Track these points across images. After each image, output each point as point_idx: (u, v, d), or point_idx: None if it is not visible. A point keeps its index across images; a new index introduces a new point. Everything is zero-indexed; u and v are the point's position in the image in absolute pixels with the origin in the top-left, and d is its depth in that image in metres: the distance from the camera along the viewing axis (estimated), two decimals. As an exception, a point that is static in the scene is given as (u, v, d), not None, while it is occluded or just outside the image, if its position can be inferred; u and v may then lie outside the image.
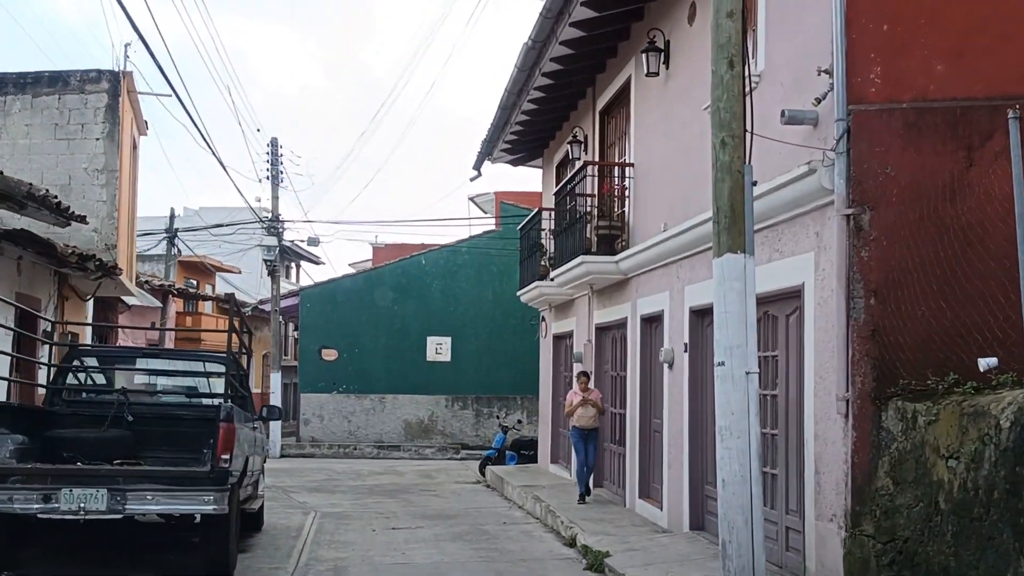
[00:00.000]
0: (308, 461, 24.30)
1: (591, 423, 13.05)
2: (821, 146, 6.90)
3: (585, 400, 12.98)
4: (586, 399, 12.99)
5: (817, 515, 7.08)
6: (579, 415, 13.01)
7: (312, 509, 14.24)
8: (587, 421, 13.02)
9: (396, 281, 27.03)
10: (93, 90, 14.84)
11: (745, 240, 6.21)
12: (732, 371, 6.12)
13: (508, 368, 26.47)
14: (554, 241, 16.38)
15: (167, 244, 30.36)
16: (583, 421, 13.01)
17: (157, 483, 8.02)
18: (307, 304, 27.21)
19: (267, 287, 27.84)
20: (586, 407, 12.98)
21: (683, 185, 10.26)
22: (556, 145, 17.75)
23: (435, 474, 20.49)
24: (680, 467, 10.20)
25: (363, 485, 18.08)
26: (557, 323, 17.48)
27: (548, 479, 16.17)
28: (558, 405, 17.68)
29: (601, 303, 13.94)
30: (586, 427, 13.02)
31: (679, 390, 10.27)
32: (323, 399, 26.92)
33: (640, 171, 12.10)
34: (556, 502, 12.82)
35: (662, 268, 10.98)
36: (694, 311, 9.92)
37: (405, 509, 14.32)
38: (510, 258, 25.89)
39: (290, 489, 17.12)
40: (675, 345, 10.47)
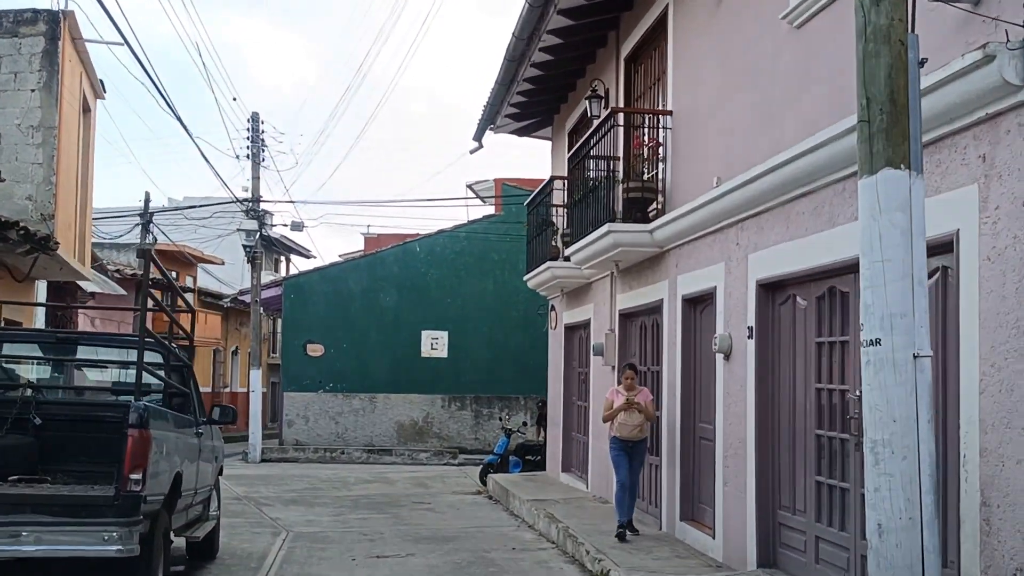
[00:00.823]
0: (291, 466, 22.06)
1: (638, 433, 9.84)
2: (1010, 19, 4.66)
3: (631, 403, 9.77)
4: (631, 401, 9.78)
5: (986, 568, 4.84)
6: (622, 422, 9.81)
7: (284, 528, 12.01)
8: (633, 431, 9.81)
9: (388, 270, 24.79)
10: (28, 33, 12.59)
11: (910, 149, 3.97)
12: (893, 353, 3.88)
13: (511, 365, 24.27)
14: (568, 215, 14.18)
15: (141, 231, 28.03)
16: (628, 431, 9.80)
17: (42, 512, 5.78)
18: (291, 295, 24.94)
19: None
20: (631, 413, 9.77)
21: (747, 124, 8.04)
22: (569, 109, 15.53)
23: (430, 482, 18.25)
24: (742, 485, 7.97)
25: (348, 496, 15.85)
26: (569, 312, 15.26)
27: (561, 491, 13.94)
28: (570, 405, 15.46)
29: (627, 284, 11.71)
30: (631, 438, 9.83)
31: (740, 387, 8.05)
32: (308, 398, 24.68)
33: (681, 120, 9.88)
34: (577, 523, 10.59)
35: (714, 235, 8.76)
36: (764, 285, 7.69)
37: (394, 528, 12.09)
38: (513, 244, 23.74)
39: (263, 501, 14.89)
40: (734, 330, 8.25)
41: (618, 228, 10.11)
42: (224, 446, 10.35)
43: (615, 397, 9.98)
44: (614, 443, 9.96)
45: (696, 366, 9.51)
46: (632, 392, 9.88)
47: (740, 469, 8.02)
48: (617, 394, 9.99)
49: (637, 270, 11.20)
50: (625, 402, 9.80)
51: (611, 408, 9.98)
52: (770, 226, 7.54)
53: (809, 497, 7.07)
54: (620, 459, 9.89)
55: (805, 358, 7.19)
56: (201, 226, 27.80)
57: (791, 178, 6.92)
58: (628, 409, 9.78)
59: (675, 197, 9.90)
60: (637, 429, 9.83)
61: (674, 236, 9.64)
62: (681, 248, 9.68)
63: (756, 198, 7.60)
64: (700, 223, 8.90)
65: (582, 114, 14.49)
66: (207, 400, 35.72)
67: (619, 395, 9.95)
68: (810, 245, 6.81)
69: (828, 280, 6.78)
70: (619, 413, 9.83)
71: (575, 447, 15.12)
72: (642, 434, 9.90)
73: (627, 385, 9.93)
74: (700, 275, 9.12)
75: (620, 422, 9.82)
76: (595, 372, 13.35)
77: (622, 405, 9.82)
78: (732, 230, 8.32)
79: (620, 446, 9.90)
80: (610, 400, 10.05)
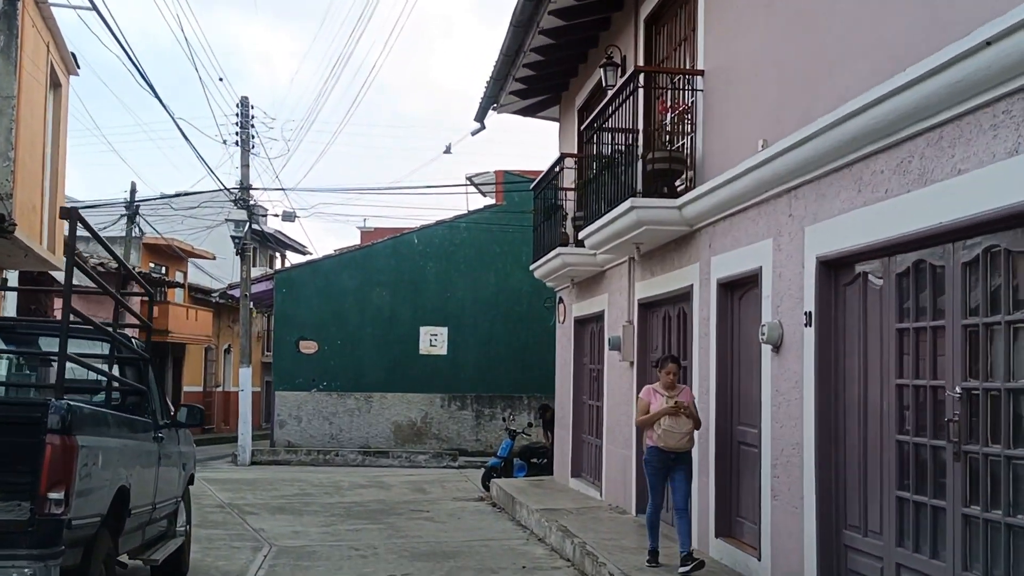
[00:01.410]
0: (282, 469, 20.84)
1: (685, 443, 7.94)
2: None
3: (678, 406, 7.89)
4: (679, 405, 7.90)
5: None
6: (667, 429, 7.84)
7: (267, 541, 10.80)
8: (680, 440, 7.89)
9: (385, 263, 23.56)
10: (-18, -8, 11.36)
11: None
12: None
13: (514, 362, 23.06)
14: (578, 199, 13.00)
15: (127, 223, 26.81)
16: (674, 440, 7.85)
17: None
18: (282, 289, 23.71)
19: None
20: (678, 418, 7.88)
21: (801, 74, 6.84)
22: (579, 84, 14.32)
23: (429, 487, 17.04)
24: (797, 499, 6.76)
25: (340, 503, 14.62)
26: (580, 304, 14.05)
27: (571, 499, 12.73)
28: (581, 405, 14.24)
29: (648, 270, 10.50)
30: (677, 449, 7.91)
31: (794, 383, 6.84)
32: (301, 398, 23.45)
33: (715, 80, 8.67)
34: (594, 538, 9.38)
35: (758, 207, 7.55)
36: (826, 262, 6.47)
37: (389, 542, 10.87)
38: (515, 235, 22.53)
39: (248, 509, 13.67)
40: (785, 317, 7.04)
41: (642, 204, 8.89)
42: (195, 451, 9.10)
43: (653, 398, 8.04)
44: (653, 455, 7.98)
45: (734, 360, 8.30)
46: (673, 391, 8.04)
47: (794, 480, 6.81)
48: (655, 394, 8.06)
49: (661, 253, 9.99)
50: (671, 405, 7.88)
51: (648, 411, 8.03)
52: (834, 191, 6.32)
53: (888, 516, 5.86)
54: (659, 475, 8.01)
55: (881, 348, 5.97)
56: (188, 216, 26.51)
57: (866, 130, 5.70)
58: (674, 414, 7.89)
59: (707, 168, 8.68)
60: (686, 438, 7.93)
61: (707, 211, 8.43)
62: (715, 225, 8.46)
63: (817, 159, 6.39)
64: (741, 194, 7.68)
65: (595, 87, 13.30)
66: (197, 401, 34.55)
67: (657, 395, 8.04)
68: (891, 210, 5.60)
69: (915, 252, 5.57)
70: (662, 417, 7.91)
71: (586, 451, 13.91)
72: (690, 444, 8.02)
73: (668, 382, 8.04)
74: (740, 255, 7.90)
75: (665, 429, 7.85)
76: (610, 369, 12.14)
77: (666, 409, 7.89)
78: (783, 200, 7.10)
79: (661, 459, 7.93)
80: (646, 401, 8.06)
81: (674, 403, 7.88)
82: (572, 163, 13.11)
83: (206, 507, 13.81)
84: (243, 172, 22.74)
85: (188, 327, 32.64)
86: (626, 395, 11.33)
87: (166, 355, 33.19)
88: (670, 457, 7.94)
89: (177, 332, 31.48)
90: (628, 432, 11.16)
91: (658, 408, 7.94)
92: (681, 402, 7.91)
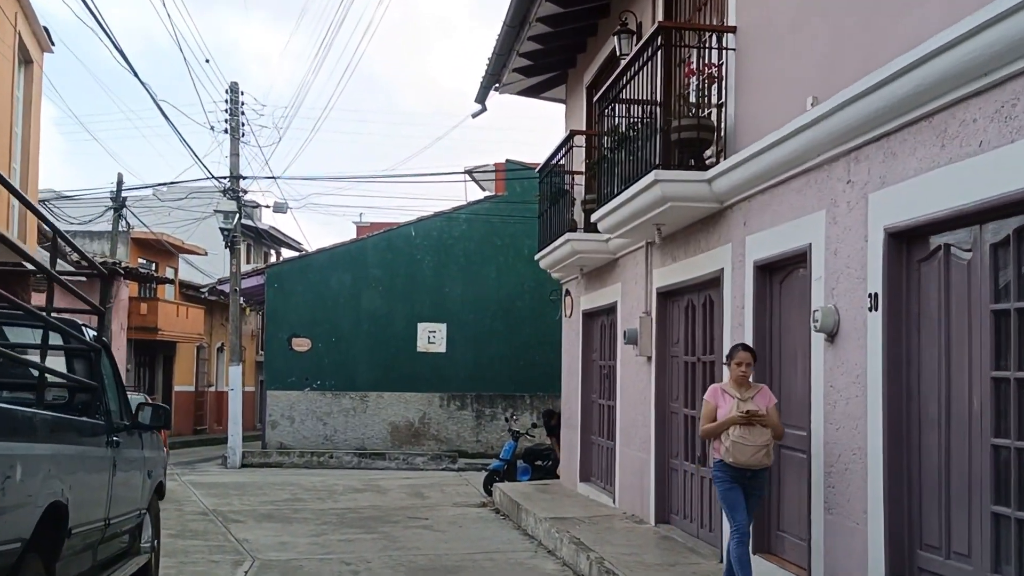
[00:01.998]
0: (273, 472, 19.85)
1: (760, 458, 6.29)
2: None
3: (753, 414, 6.27)
4: (750, 414, 6.27)
5: None
6: (739, 441, 6.25)
7: (250, 554, 9.82)
8: (752, 454, 6.25)
9: (381, 256, 22.57)
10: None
11: None
12: None
13: (516, 360, 22.09)
14: (587, 182, 12.03)
15: (114, 216, 25.79)
16: (749, 454, 6.24)
17: None
18: (274, 284, 22.71)
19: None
20: (750, 427, 6.26)
21: (863, 19, 5.85)
22: (588, 60, 13.34)
23: (427, 492, 16.06)
24: (858, 514, 5.78)
25: (333, 510, 13.63)
26: (589, 295, 13.07)
27: (582, 507, 11.74)
28: (590, 405, 13.26)
29: (669, 255, 9.52)
30: (753, 465, 6.30)
31: (855, 378, 5.86)
32: (293, 397, 22.46)
33: (749, 37, 7.69)
34: (612, 552, 8.39)
35: (807, 175, 6.57)
36: (897, 234, 5.49)
37: (384, 555, 9.89)
38: (517, 227, 21.60)
39: (233, 516, 12.69)
40: (842, 301, 6.05)
41: (667, 177, 7.89)
42: (164, 455, 8.10)
43: (720, 400, 6.48)
44: (724, 472, 6.39)
45: (773, 353, 7.31)
46: (747, 390, 6.46)
47: (854, 491, 5.83)
48: (722, 395, 6.49)
49: (684, 235, 9.01)
50: (744, 412, 6.26)
51: (713, 417, 6.45)
52: (908, 149, 5.34)
53: (980, 536, 4.88)
54: (735, 495, 6.34)
55: (971, 335, 4.99)
56: (176, 208, 25.48)
57: (957, 70, 4.72)
58: (748, 423, 6.28)
59: (740, 136, 7.71)
60: (761, 452, 6.27)
61: (743, 184, 7.44)
62: (752, 200, 7.48)
63: (887, 111, 5.40)
64: (786, 161, 6.70)
65: (605, 61, 12.35)
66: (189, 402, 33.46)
67: (725, 396, 6.46)
68: (986, 166, 4.63)
69: (1018, 217, 4.59)
70: (733, 425, 6.30)
71: (597, 453, 12.92)
72: (768, 459, 6.36)
73: (739, 378, 6.45)
74: (783, 232, 6.92)
75: (737, 441, 6.24)
76: (624, 365, 11.16)
77: (737, 417, 6.27)
78: (839, 164, 6.12)
79: (733, 476, 6.35)
80: (712, 405, 6.50)
81: (745, 412, 6.26)
82: (581, 142, 12.11)
83: (187, 514, 12.85)
84: (233, 161, 21.74)
85: (179, 325, 31.66)
86: (643, 393, 10.36)
87: (156, 354, 32.26)
88: (744, 475, 6.36)
89: (167, 330, 30.51)
90: (646, 434, 10.19)
91: (727, 413, 6.34)
92: (754, 410, 6.28)
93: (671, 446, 9.71)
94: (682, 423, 9.40)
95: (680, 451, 9.46)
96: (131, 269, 26.38)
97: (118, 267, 25.15)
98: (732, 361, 6.54)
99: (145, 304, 29.81)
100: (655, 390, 9.90)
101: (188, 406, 34.78)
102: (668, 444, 9.76)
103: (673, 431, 9.66)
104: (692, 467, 9.09)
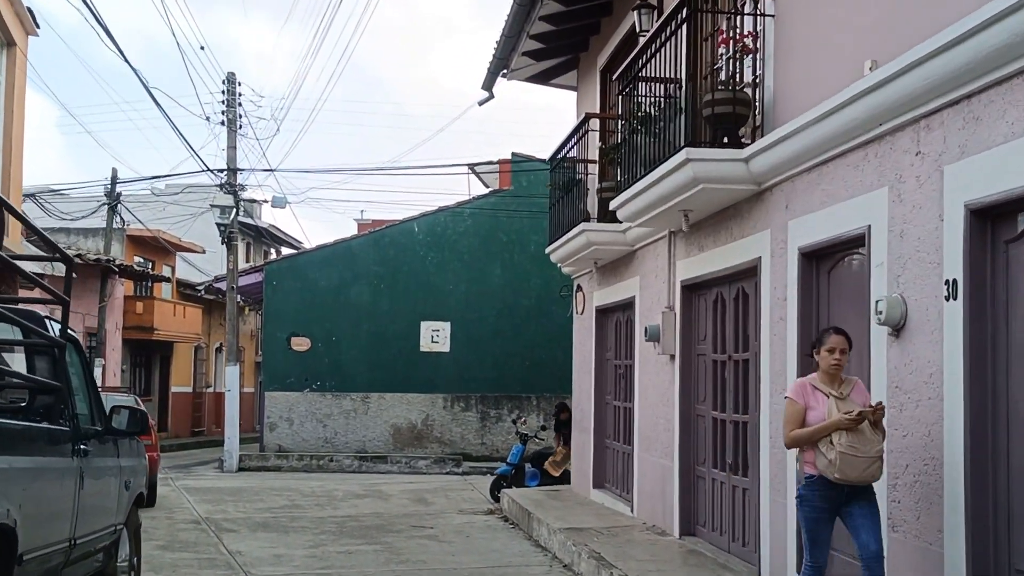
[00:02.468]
0: (271, 476, 19.13)
1: (873, 472, 4.97)
2: None
3: (862, 415, 4.91)
4: (863, 413, 4.92)
5: None
6: (845, 453, 4.89)
7: (242, 568, 9.10)
8: (865, 468, 4.93)
9: (383, 253, 21.84)
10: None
11: None
12: None
13: (522, 360, 21.37)
14: (602, 168, 11.32)
15: (108, 212, 25.06)
16: (855, 468, 4.91)
17: None
18: (272, 282, 22.00)
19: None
20: (860, 433, 4.91)
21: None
22: (601, 42, 12.61)
23: (431, 497, 15.33)
24: (930, 533, 5.05)
25: (332, 518, 12.91)
26: (603, 291, 12.34)
27: (596, 515, 11.01)
28: (604, 407, 12.52)
29: (696, 245, 8.79)
30: (861, 481, 4.99)
31: (927, 378, 5.12)
32: (292, 399, 21.75)
33: (790, 1, 6.96)
34: (637, 569, 7.65)
35: (865, 148, 5.83)
36: (980, 211, 4.75)
37: (386, 569, 9.17)
38: (524, 222, 20.90)
39: (227, 525, 11.96)
40: (911, 290, 5.32)
41: (700, 155, 7.15)
42: (145, 463, 7.37)
43: (812, 399, 5.12)
44: (817, 492, 5.06)
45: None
46: (841, 386, 5.17)
47: (927, 507, 5.09)
48: (813, 392, 5.13)
49: (713, 223, 8.27)
50: (853, 414, 4.88)
51: (803, 421, 5.10)
52: (996, 111, 4.61)
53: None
54: (823, 528, 5.13)
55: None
56: (171, 203, 24.75)
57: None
58: (854, 427, 4.88)
59: (780, 110, 6.98)
60: (876, 464, 4.93)
61: (786, 162, 6.71)
62: (796, 180, 6.74)
63: (970, 68, 4.67)
64: (838, 134, 5.96)
65: (621, 43, 11.64)
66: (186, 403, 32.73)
67: (817, 395, 5.10)
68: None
69: None
70: (831, 432, 4.93)
71: (612, 458, 12.19)
72: (879, 472, 5.00)
73: (832, 370, 5.12)
74: (834, 214, 6.18)
75: (846, 451, 4.86)
76: (643, 364, 10.43)
77: (841, 420, 4.89)
78: (906, 133, 5.37)
79: (828, 496, 5.04)
80: (800, 405, 5.13)
81: (857, 412, 4.89)
82: (596, 127, 11.38)
83: (178, 523, 12.14)
84: (230, 154, 21.03)
85: (176, 324, 30.94)
86: (665, 395, 9.63)
87: (153, 354, 31.54)
88: (842, 492, 5.04)
89: (164, 330, 29.79)
90: (668, 438, 9.45)
91: (824, 417, 5.00)
92: (868, 409, 4.94)
93: (697, 452, 8.97)
94: (710, 427, 8.66)
95: (707, 457, 8.73)
96: (125, 266, 25.71)
97: (112, 264, 24.50)
98: (822, 348, 5.15)
99: (141, 303, 29.10)
100: (679, 391, 9.17)
101: (186, 408, 34.07)
102: (694, 449, 9.02)
103: (699, 435, 8.93)
104: (723, 475, 8.35)
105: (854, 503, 5.05)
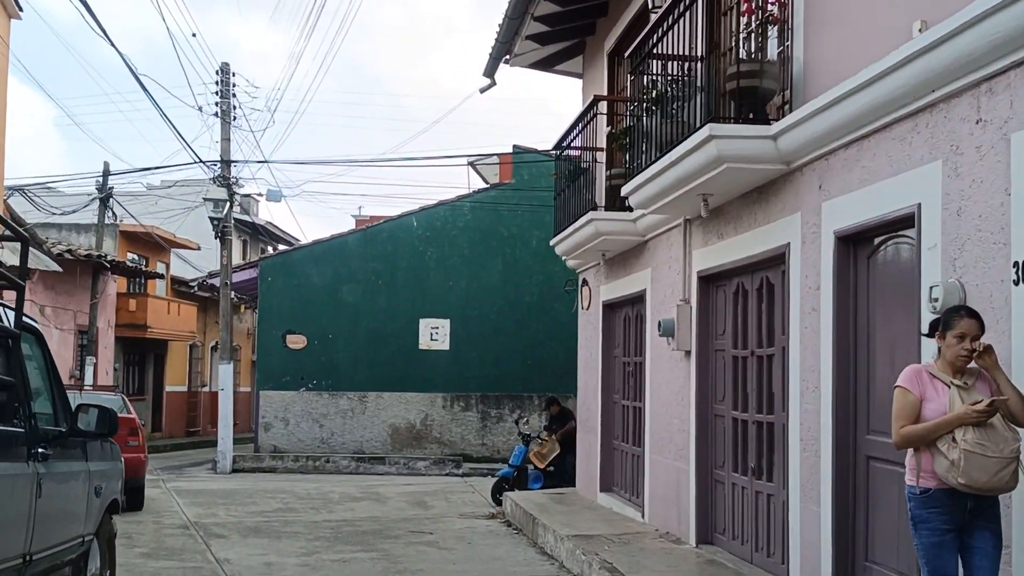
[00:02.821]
0: (265, 478, 18.54)
1: (1009, 480, 3.99)
2: None
3: (993, 404, 3.96)
4: (995, 402, 3.97)
5: None
6: (971, 452, 3.93)
7: (229, 578, 8.53)
8: (1000, 472, 3.95)
9: (380, 248, 21.25)
10: None
11: None
12: None
13: (524, 358, 20.79)
14: (610, 154, 10.77)
15: (100, 207, 24.48)
16: (985, 471, 3.94)
17: None
18: (267, 278, 21.42)
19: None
20: (990, 429, 3.96)
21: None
22: (608, 26, 12.05)
23: (430, 500, 14.77)
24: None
25: (327, 522, 12.33)
26: (610, 284, 11.77)
27: (605, 521, 10.43)
28: (612, 406, 11.95)
29: (714, 233, 8.21)
30: (991, 490, 4.03)
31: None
32: (288, 398, 21.16)
33: (822, -36, 6.39)
34: (655, 582, 7.08)
35: (913, 118, 5.25)
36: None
37: (383, 579, 8.59)
38: (525, 217, 20.34)
39: (216, 530, 11.39)
40: (969, 275, 4.74)
41: (724, 132, 6.57)
42: (120, 467, 6.78)
43: (929, 389, 4.20)
44: (937, 504, 4.12)
45: (858, 344, 5.99)
46: (966, 377, 4.18)
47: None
48: (932, 381, 4.20)
49: (734, 208, 7.70)
50: (983, 404, 3.97)
51: (918, 416, 4.17)
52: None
53: None
54: (947, 547, 4.14)
55: None
56: (164, 196, 24.17)
57: None
58: (983, 421, 3.98)
59: (810, 84, 6.40)
60: (1009, 466, 3.97)
61: (820, 138, 6.13)
62: (831, 157, 6.16)
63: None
64: (883, 103, 5.38)
65: (629, 25, 11.08)
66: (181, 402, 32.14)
67: (936, 384, 4.19)
68: None
69: None
70: (954, 428, 4.02)
71: (620, 460, 11.61)
72: (1015, 480, 4.03)
73: (960, 359, 4.15)
74: (876, 193, 5.60)
75: (972, 450, 3.95)
76: (655, 361, 9.86)
77: (969, 412, 3.99)
78: (963, 100, 4.80)
79: (954, 508, 4.11)
80: (915, 397, 4.19)
81: (988, 402, 3.97)
82: (604, 111, 10.82)
83: (166, 528, 11.56)
84: (224, 146, 20.44)
85: (170, 322, 30.34)
86: (679, 393, 9.05)
87: (147, 352, 30.95)
88: (965, 506, 4.10)
89: (158, 327, 29.19)
90: (683, 440, 8.88)
91: (944, 411, 4.10)
92: (1001, 398, 4.02)
93: (715, 454, 8.40)
94: (730, 428, 8.09)
95: (727, 460, 8.15)
96: (118, 263, 25.13)
97: (104, 260, 23.92)
98: (949, 333, 4.15)
99: (134, 300, 28.50)
100: (696, 389, 8.59)
101: (180, 407, 33.49)
102: (712, 452, 8.45)
103: (718, 437, 8.35)
104: (744, 479, 7.77)
105: (976, 528, 4.12)
